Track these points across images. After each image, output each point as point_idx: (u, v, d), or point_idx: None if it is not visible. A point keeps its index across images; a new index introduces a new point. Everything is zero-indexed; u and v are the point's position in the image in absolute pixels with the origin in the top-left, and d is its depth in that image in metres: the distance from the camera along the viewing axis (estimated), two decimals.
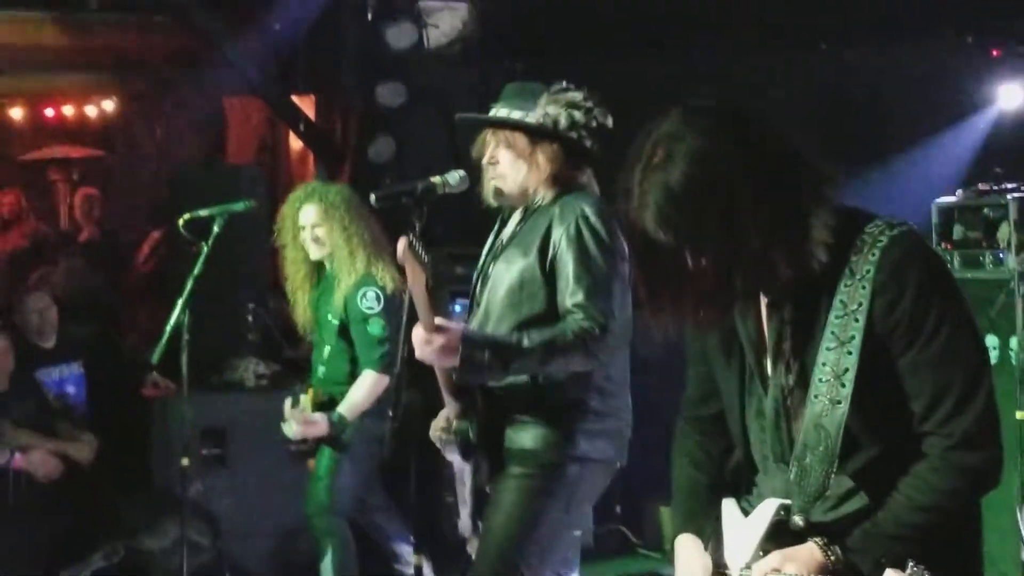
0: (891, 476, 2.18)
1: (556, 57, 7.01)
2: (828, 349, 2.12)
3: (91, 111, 11.20)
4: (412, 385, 3.70)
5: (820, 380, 2.13)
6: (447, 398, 3.64)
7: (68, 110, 11.18)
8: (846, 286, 2.12)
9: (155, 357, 4.99)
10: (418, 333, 3.39)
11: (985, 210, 5.90)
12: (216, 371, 6.81)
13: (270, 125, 10.44)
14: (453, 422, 3.64)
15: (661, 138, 2.12)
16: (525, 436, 3.58)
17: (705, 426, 2.50)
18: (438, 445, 3.70)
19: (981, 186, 6.03)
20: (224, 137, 11.52)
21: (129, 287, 8.90)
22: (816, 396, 2.13)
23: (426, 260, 3.32)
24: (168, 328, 4.96)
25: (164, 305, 5.57)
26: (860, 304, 2.11)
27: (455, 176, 3.64)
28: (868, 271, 2.12)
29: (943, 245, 6.03)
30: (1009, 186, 5.88)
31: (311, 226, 5.24)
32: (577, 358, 3.44)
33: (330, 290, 5.19)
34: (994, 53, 7.04)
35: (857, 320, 2.11)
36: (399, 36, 7.13)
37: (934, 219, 6.09)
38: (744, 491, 2.41)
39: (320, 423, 5.05)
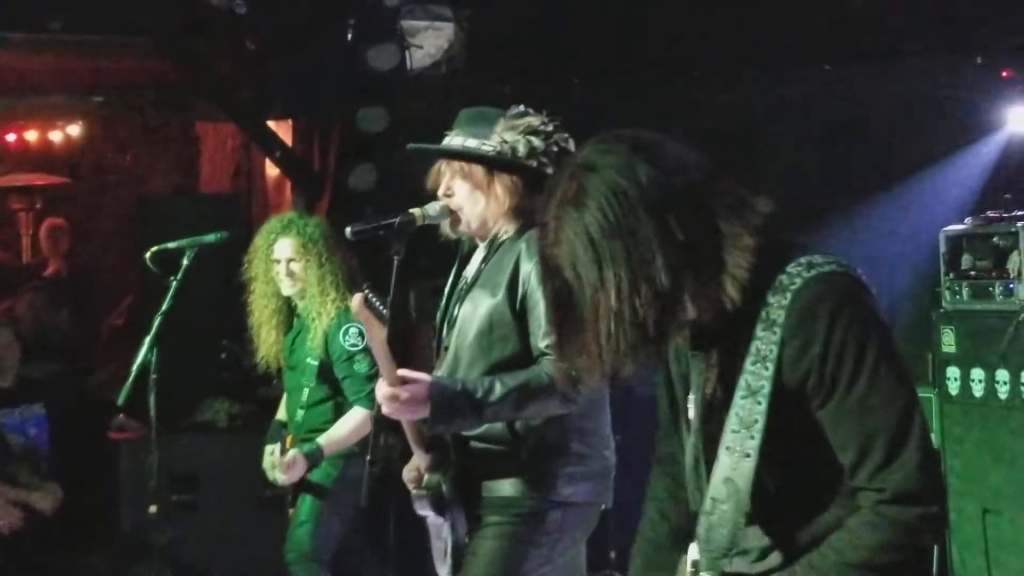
0: (812, 532, 2.14)
1: (548, 80, 7.04)
2: (741, 398, 2.10)
3: (56, 136, 11.18)
4: (390, 428, 3.69)
5: (732, 431, 2.11)
6: (416, 450, 3.61)
7: (31, 135, 11.16)
8: (762, 331, 2.09)
9: (121, 398, 4.97)
10: (382, 388, 3.36)
11: (995, 239, 5.92)
12: (186, 412, 6.81)
13: (245, 151, 10.45)
14: (424, 475, 3.62)
15: (575, 170, 2.14)
16: (503, 484, 3.56)
17: (675, 466, 2.48)
18: (411, 497, 3.69)
19: (991, 214, 6.06)
20: (197, 164, 11.54)
21: (96, 325, 8.89)
22: (727, 447, 2.11)
23: (385, 314, 3.32)
24: (135, 367, 4.95)
25: (132, 343, 5.57)
26: (771, 351, 2.08)
27: (435, 207, 3.64)
28: (779, 316, 2.08)
29: (951, 275, 6.06)
30: (1019, 213, 5.91)
31: (286, 260, 5.25)
32: (553, 402, 3.44)
33: (305, 330, 5.19)
34: (1004, 75, 7.09)
35: (767, 368, 2.08)
36: (381, 57, 7.14)
37: (942, 248, 6.12)
38: None
39: (298, 461, 5.06)
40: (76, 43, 7.94)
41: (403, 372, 3.36)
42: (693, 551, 2.26)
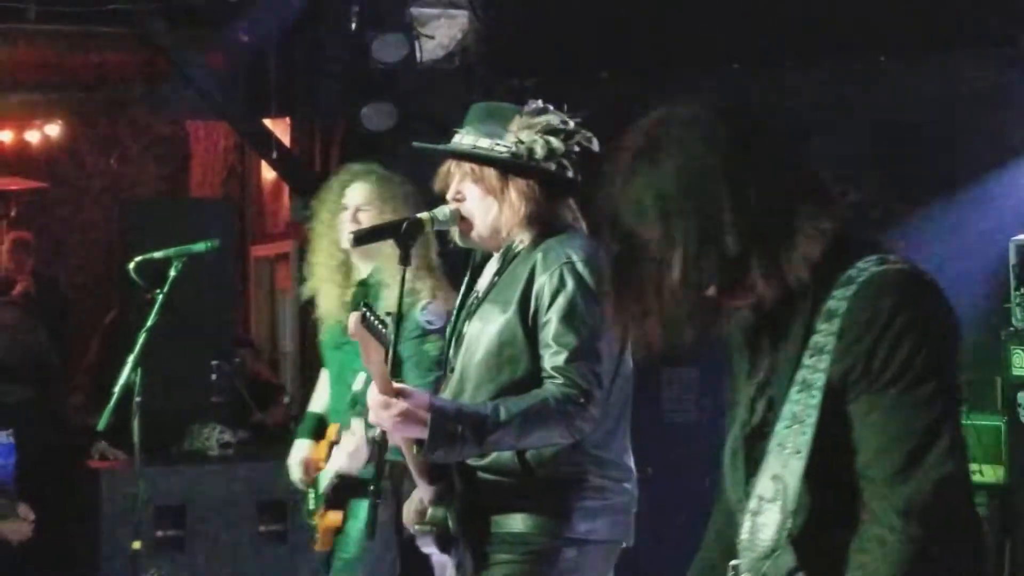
0: (827, 548, 2.16)
1: (572, 74, 7.04)
2: (796, 393, 2.15)
3: (32, 136, 11.23)
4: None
5: (785, 427, 2.15)
6: (419, 481, 3.59)
7: (5, 136, 11.22)
8: (822, 323, 2.16)
9: (101, 423, 4.97)
10: (375, 395, 3.33)
11: None
12: (174, 439, 6.82)
13: (239, 152, 10.50)
14: (428, 509, 3.59)
15: (655, 124, 2.23)
16: (513, 519, 3.54)
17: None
18: (413, 533, 3.68)
19: None
20: (187, 166, 11.59)
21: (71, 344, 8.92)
22: (779, 444, 2.15)
23: (385, 333, 3.31)
24: (117, 389, 4.95)
25: (113, 362, 5.58)
26: (828, 343, 2.14)
27: (445, 211, 3.63)
28: (840, 307, 2.14)
29: (1022, 290, 6.02)
30: None
31: (355, 208, 5.03)
32: (557, 429, 3.41)
33: (372, 299, 5.01)
34: None
35: (823, 361, 2.13)
36: (388, 49, 7.15)
37: (1011, 259, 6.09)
38: None
39: (361, 446, 4.87)
40: (54, 34, 7.98)
41: (401, 385, 3.35)
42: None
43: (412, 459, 3.55)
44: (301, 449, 5.13)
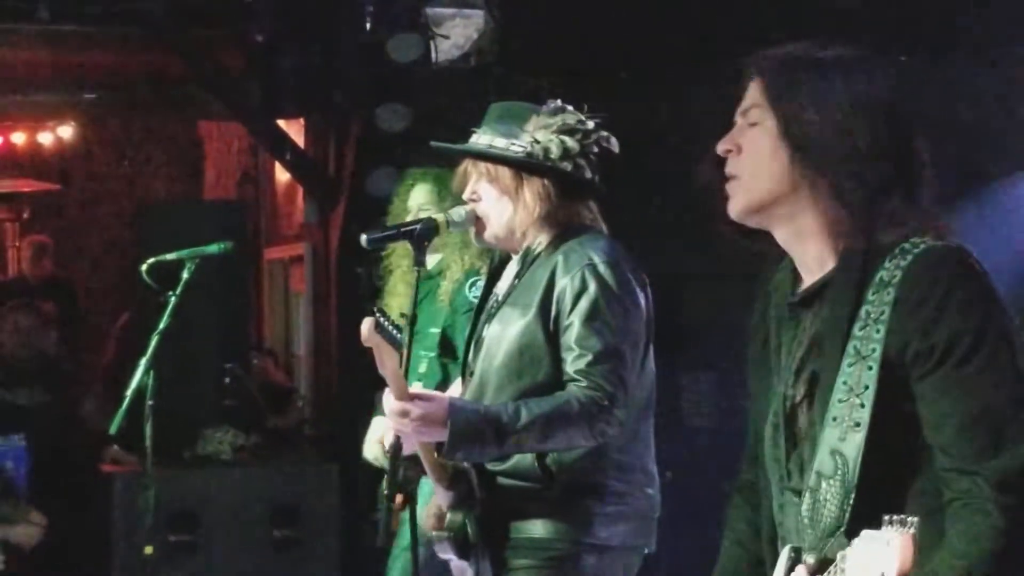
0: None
1: (592, 75, 7.02)
2: (849, 365, 2.14)
3: (45, 138, 11.27)
4: (409, 460, 3.69)
5: (839, 400, 2.14)
6: (437, 486, 3.61)
7: (18, 137, 11.25)
8: (873, 294, 2.16)
9: (114, 426, 4.98)
10: (391, 402, 3.35)
11: None
12: (187, 443, 6.83)
13: (253, 154, 10.51)
14: (447, 514, 3.61)
15: (830, 50, 2.34)
16: (533, 524, 3.55)
17: (758, 495, 2.50)
18: (431, 539, 3.68)
19: None
20: (200, 168, 11.61)
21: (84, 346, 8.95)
22: (834, 418, 2.14)
23: (399, 338, 3.31)
24: (129, 392, 4.96)
25: (127, 365, 5.60)
26: (883, 313, 2.14)
27: (461, 212, 3.64)
28: (895, 276, 2.15)
29: None
30: None
31: (417, 209, 5.14)
32: (580, 433, 3.42)
33: (433, 293, 5.12)
34: None
35: (878, 331, 2.13)
36: (403, 49, 7.16)
37: None
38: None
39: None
40: (66, 34, 8.00)
41: (418, 389, 3.35)
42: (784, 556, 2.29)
43: (430, 463, 3.56)
44: (379, 427, 5.08)
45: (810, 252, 2.30)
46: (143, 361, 4.99)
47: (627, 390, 3.46)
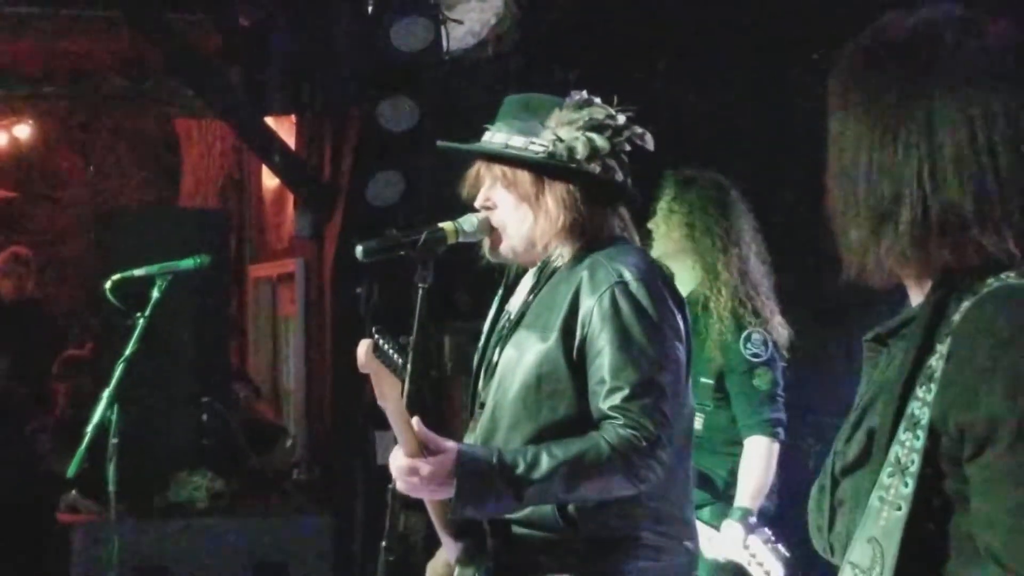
0: None
1: (623, 65, 7.03)
2: (904, 430, 2.06)
3: None
4: (411, 507, 3.67)
5: (889, 474, 2.07)
6: (444, 538, 3.58)
7: None
8: (940, 342, 2.06)
9: (72, 468, 4.97)
10: (398, 459, 3.33)
11: None
12: (157, 488, 6.81)
13: (236, 156, 10.53)
14: (455, 569, 3.57)
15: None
16: None
17: None
18: None
19: None
20: (177, 173, 11.63)
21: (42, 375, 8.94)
22: (880, 497, 2.07)
23: (400, 364, 3.28)
24: (90, 429, 4.95)
25: (87, 397, 5.59)
26: (938, 366, 2.04)
27: (473, 220, 3.61)
28: (955, 320, 2.05)
29: None
30: None
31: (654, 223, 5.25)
32: (616, 480, 3.38)
33: (698, 338, 5.10)
34: None
35: (931, 391, 2.04)
36: (409, 36, 7.16)
37: None
38: None
39: (735, 531, 4.97)
40: (21, 19, 8.02)
41: (424, 435, 3.32)
42: None
43: (436, 512, 3.53)
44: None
45: (912, 277, 2.22)
46: (106, 393, 4.97)
47: (669, 427, 3.43)
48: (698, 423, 5.08)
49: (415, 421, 3.34)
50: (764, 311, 5.16)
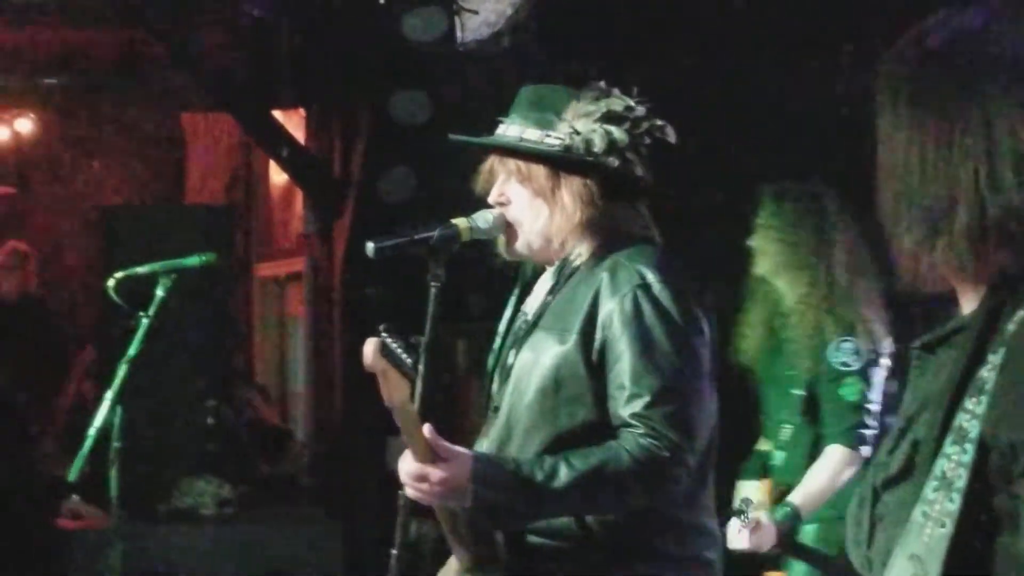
0: None
1: (647, 56, 7.01)
2: (951, 444, 2.03)
3: (0, 134, 11.35)
4: (421, 514, 3.66)
5: (934, 489, 2.04)
6: (454, 545, 3.55)
7: None
8: (993, 352, 2.02)
9: (73, 473, 4.97)
10: (408, 464, 3.31)
11: None
12: (161, 494, 6.82)
13: (244, 151, 10.53)
14: None
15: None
16: None
17: None
18: None
19: None
20: (182, 169, 11.64)
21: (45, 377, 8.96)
22: (924, 512, 2.04)
23: (410, 363, 3.27)
24: (92, 432, 4.95)
25: (89, 401, 5.59)
26: (989, 379, 2.01)
27: (487, 217, 3.60)
28: (1010, 329, 2.02)
29: None
30: None
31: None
32: (636, 492, 3.36)
33: (790, 348, 5.22)
34: None
35: (981, 404, 2.01)
36: (422, 26, 7.16)
37: None
38: None
39: (765, 528, 4.97)
40: (21, 9, 8.03)
41: (435, 441, 3.31)
42: None
43: (446, 519, 3.52)
44: (740, 501, 5.19)
45: (966, 283, 2.20)
46: (109, 395, 4.96)
47: (693, 436, 3.41)
48: (785, 434, 5.27)
49: (427, 428, 3.33)
50: (859, 321, 5.16)
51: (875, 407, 5.07)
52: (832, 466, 5.09)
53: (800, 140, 6.76)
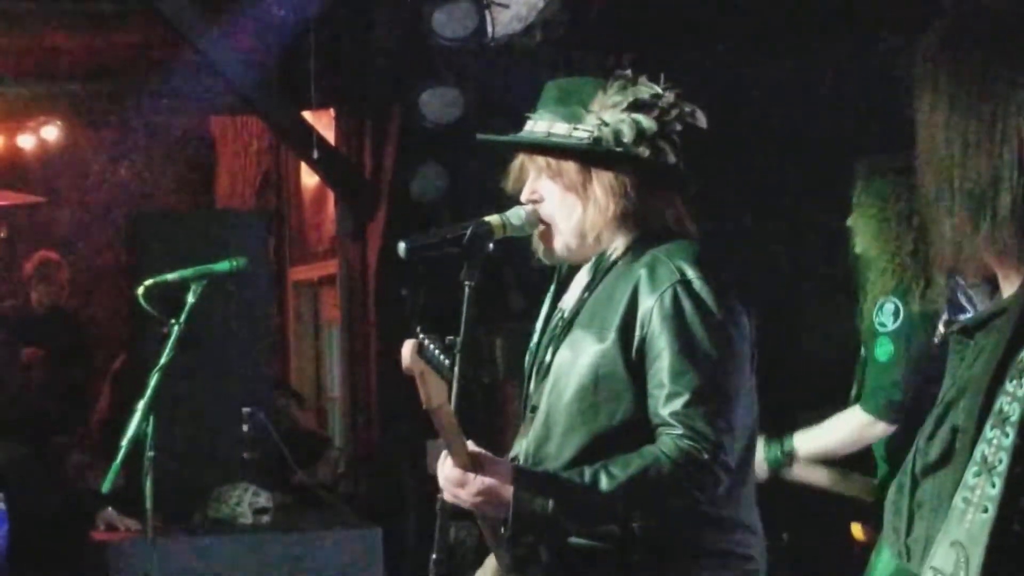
0: None
1: (679, 48, 7.00)
2: (991, 428, 2.02)
3: (26, 141, 11.37)
4: (460, 517, 3.67)
5: (975, 474, 2.03)
6: (493, 548, 3.56)
7: None
8: None
9: (107, 484, 4.98)
10: (447, 469, 3.34)
11: None
12: (196, 504, 6.83)
13: (274, 154, 10.55)
14: None
15: None
16: None
17: None
18: None
19: None
20: (212, 173, 11.68)
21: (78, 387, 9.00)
22: (965, 499, 2.04)
23: (448, 365, 3.27)
24: (125, 443, 4.96)
25: (122, 411, 5.60)
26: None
27: (520, 213, 3.60)
28: None
29: None
30: None
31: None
32: (678, 496, 3.36)
33: (861, 308, 5.31)
34: None
35: (1020, 390, 2.00)
36: (452, 22, 7.16)
37: None
38: None
39: (758, 461, 4.94)
40: (48, 14, 8.05)
41: (476, 450, 3.31)
42: None
43: (485, 521, 3.52)
44: None
45: (1008, 267, 2.18)
46: (141, 404, 4.97)
47: (734, 435, 3.40)
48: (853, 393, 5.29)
49: (471, 444, 3.33)
50: (921, 284, 5.16)
51: (908, 374, 5.05)
52: (846, 427, 5.14)
53: (839, 126, 6.75)
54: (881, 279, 5.24)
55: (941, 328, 5.20)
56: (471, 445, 3.34)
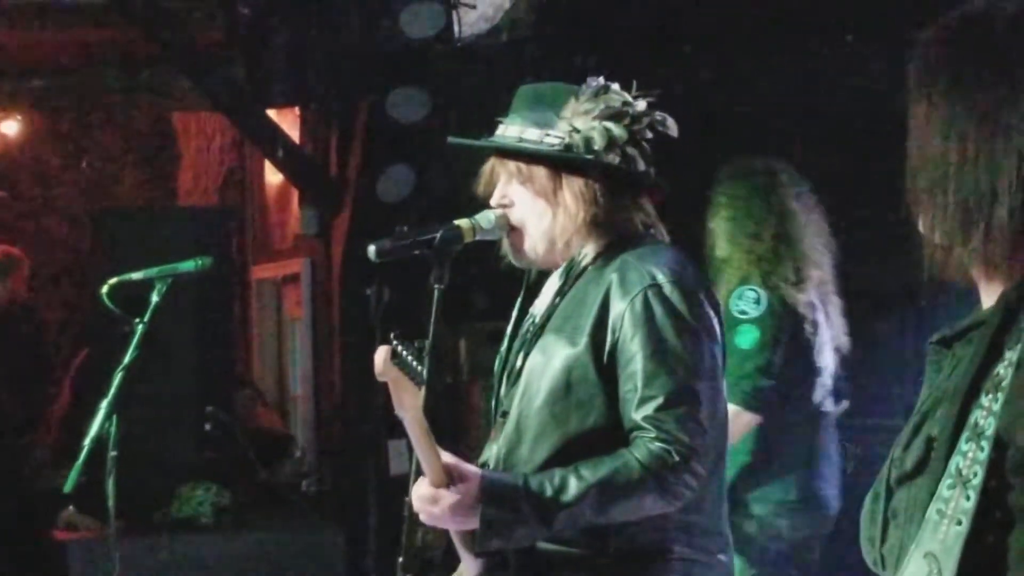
0: None
1: (648, 49, 7.01)
2: (966, 442, 2.03)
3: None
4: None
5: (949, 486, 2.04)
6: (463, 554, 3.55)
7: None
8: (1010, 348, 2.03)
9: (69, 484, 4.96)
10: (421, 488, 3.36)
11: None
12: (158, 503, 6.82)
13: (238, 151, 10.53)
14: None
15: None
16: None
17: None
18: None
19: None
20: (174, 170, 11.64)
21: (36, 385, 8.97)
22: (939, 510, 2.04)
23: (421, 372, 3.28)
24: (87, 442, 4.95)
25: (85, 410, 5.59)
26: (1006, 375, 2.02)
27: (490, 217, 3.61)
28: (1018, 340, 2.02)
29: None
30: None
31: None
32: (649, 500, 3.37)
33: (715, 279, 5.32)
34: None
35: (997, 400, 2.01)
36: (419, 21, 7.16)
37: None
38: None
39: None
40: (7, 8, 8.02)
41: (450, 461, 3.33)
42: None
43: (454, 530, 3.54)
44: None
45: (992, 278, 2.18)
46: (104, 404, 4.96)
47: (706, 438, 3.42)
48: None
49: (447, 456, 3.34)
50: (785, 277, 5.24)
51: (775, 361, 5.07)
52: None
53: (807, 130, 6.77)
54: (738, 272, 5.28)
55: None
56: (443, 454, 3.34)
